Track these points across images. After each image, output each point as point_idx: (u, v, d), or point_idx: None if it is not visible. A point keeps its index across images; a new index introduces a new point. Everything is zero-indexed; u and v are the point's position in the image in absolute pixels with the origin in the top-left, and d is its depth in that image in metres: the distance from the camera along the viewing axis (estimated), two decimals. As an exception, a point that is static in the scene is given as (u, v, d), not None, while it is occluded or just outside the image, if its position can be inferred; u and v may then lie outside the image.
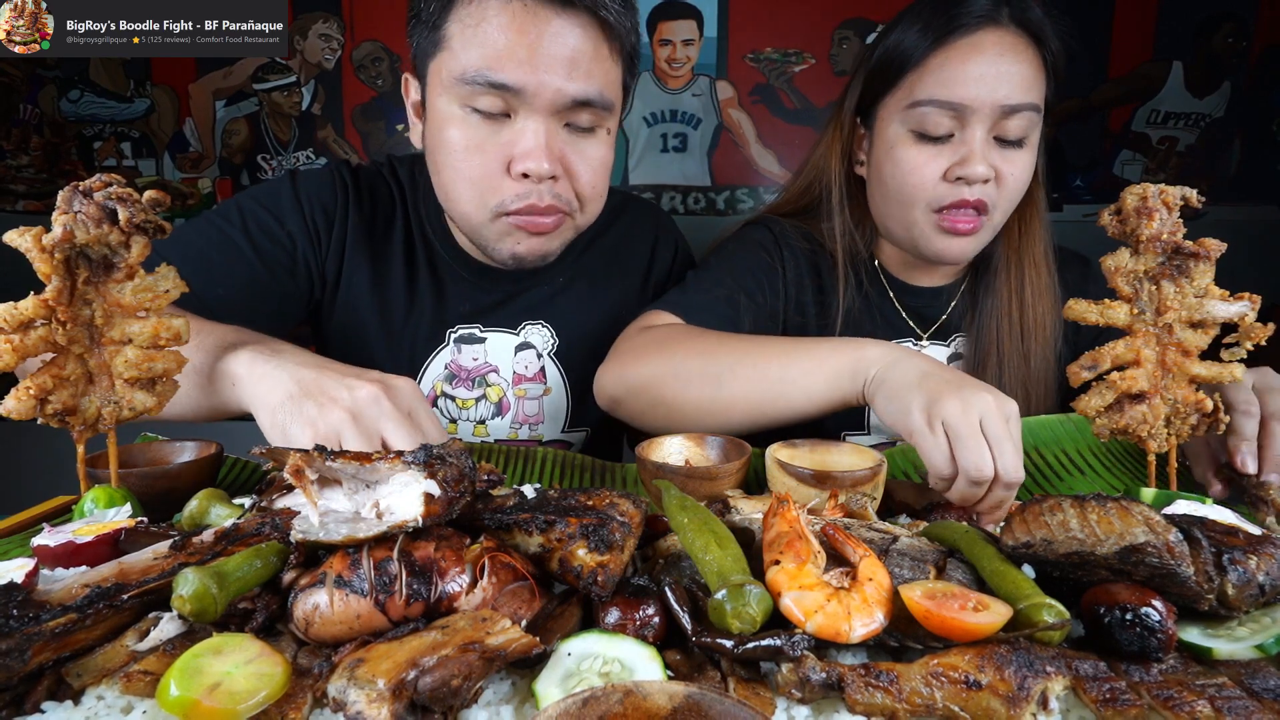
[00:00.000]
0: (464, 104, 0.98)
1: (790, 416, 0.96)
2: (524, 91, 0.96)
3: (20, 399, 0.67)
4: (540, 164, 0.98)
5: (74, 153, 2.96)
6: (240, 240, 1.10)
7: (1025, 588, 0.51)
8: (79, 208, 0.66)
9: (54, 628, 0.46)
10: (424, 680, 0.42)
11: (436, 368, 1.21)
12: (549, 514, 0.56)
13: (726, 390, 0.97)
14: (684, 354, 1.01)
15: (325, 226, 1.16)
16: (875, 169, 1.17)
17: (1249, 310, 0.75)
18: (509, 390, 1.24)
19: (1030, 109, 1.06)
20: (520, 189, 1.01)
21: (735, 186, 3.00)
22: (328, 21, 2.84)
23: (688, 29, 2.91)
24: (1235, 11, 2.79)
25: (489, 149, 1.00)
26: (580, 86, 0.98)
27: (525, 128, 0.98)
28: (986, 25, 1.05)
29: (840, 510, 0.70)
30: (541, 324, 1.24)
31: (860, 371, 0.89)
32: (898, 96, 1.11)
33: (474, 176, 1.01)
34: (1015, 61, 1.04)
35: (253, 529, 0.58)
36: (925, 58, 1.08)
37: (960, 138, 1.07)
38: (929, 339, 1.26)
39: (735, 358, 0.98)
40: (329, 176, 1.18)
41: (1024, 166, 1.09)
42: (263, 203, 1.14)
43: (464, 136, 1.00)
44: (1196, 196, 0.76)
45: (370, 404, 0.76)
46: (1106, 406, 0.79)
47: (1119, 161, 2.90)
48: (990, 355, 1.20)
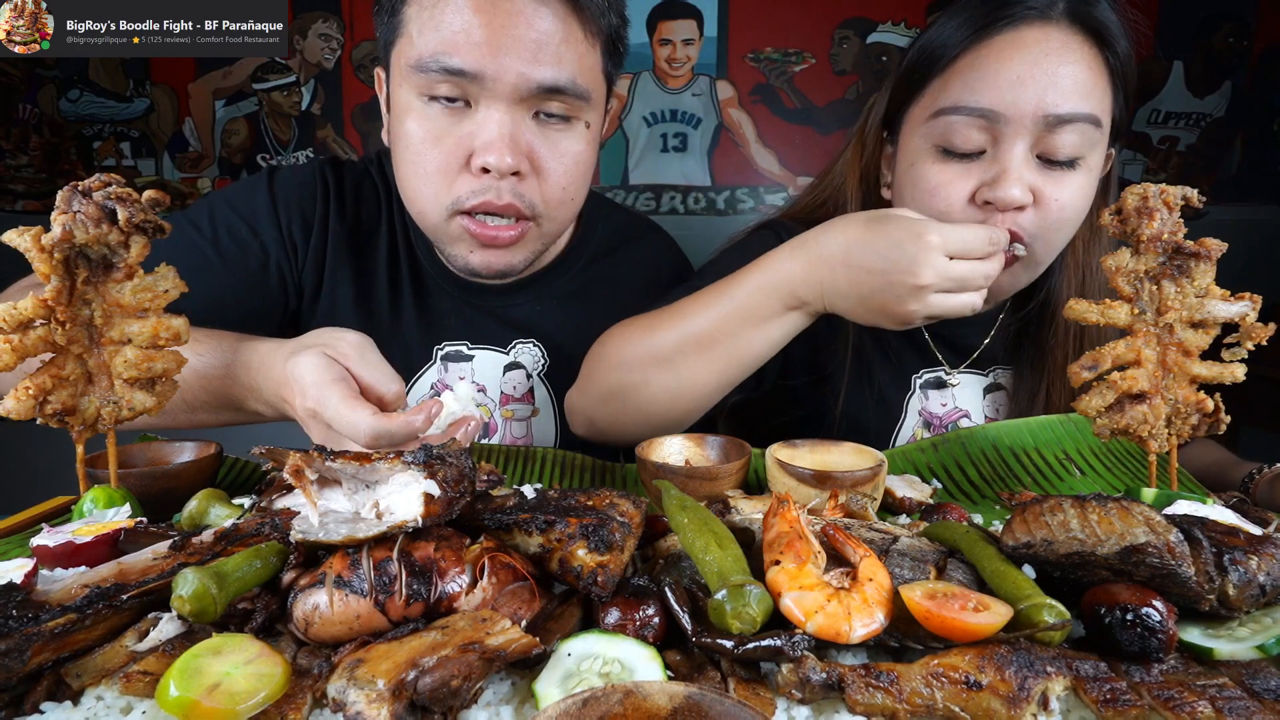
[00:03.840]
0: (422, 93, 0.91)
1: (754, 364, 0.91)
2: (483, 77, 0.88)
3: (20, 399, 0.67)
4: (502, 157, 0.90)
5: (73, 152, 2.96)
6: (208, 250, 1.03)
7: (1026, 588, 0.51)
8: (78, 207, 0.66)
9: (53, 628, 0.46)
10: (424, 681, 0.42)
11: (422, 388, 1.15)
12: (549, 514, 0.56)
13: (687, 375, 0.91)
14: (628, 352, 0.94)
15: (303, 233, 1.08)
16: (897, 191, 1.01)
17: (1250, 310, 0.74)
18: (496, 411, 1.17)
19: (1086, 121, 0.87)
20: (477, 184, 0.93)
21: (735, 186, 3.00)
22: (327, 21, 2.84)
23: (688, 29, 2.91)
24: (1235, 11, 2.80)
25: (447, 141, 0.92)
26: (548, 71, 0.90)
27: (487, 117, 0.90)
28: (1034, 20, 0.87)
29: (840, 510, 0.70)
30: (533, 343, 1.17)
31: (798, 296, 0.86)
32: (922, 104, 0.95)
33: (430, 170, 0.94)
34: (1066, 62, 0.86)
35: (252, 529, 0.58)
36: (956, 57, 0.91)
37: (993, 154, 0.89)
38: (963, 370, 1.14)
39: (677, 337, 0.91)
40: (310, 177, 1.11)
41: (1075, 192, 0.90)
42: (236, 207, 1.06)
43: (422, 128, 0.93)
44: (1197, 196, 0.75)
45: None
46: (1107, 406, 0.79)
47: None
48: (1040, 394, 1.07)
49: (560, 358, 1.18)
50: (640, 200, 3.01)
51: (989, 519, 0.80)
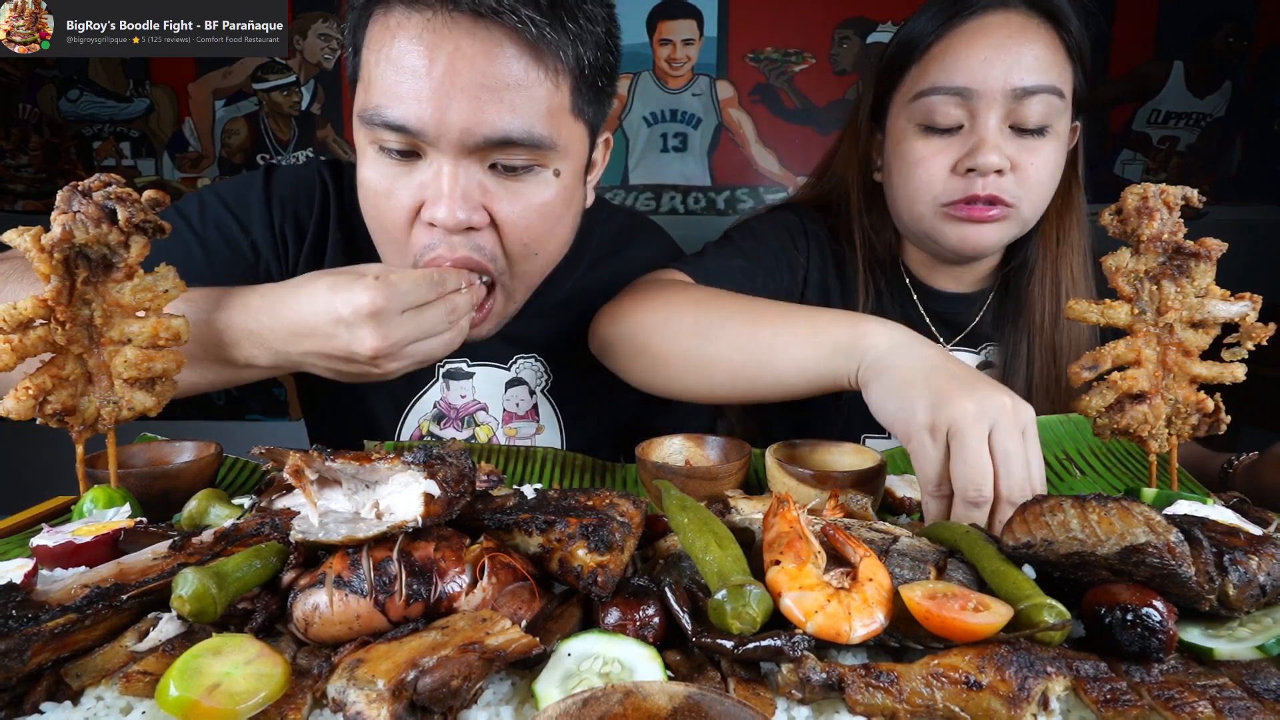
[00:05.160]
0: (373, 142, 0.86)
1: (775, 388, 0.86)
2: (424, 133, 0.82)
3: (19, 399, 0.67)
4: (452, 213, 0.84)
5: (73, 152, 2.96)
6: (194, 247, 0.99)
7: (1026, 588, 0.51)
8: (78, 207, 0.66)
9: (53, 628, 0.46)
10: (424, 681, 0.42)
11: (424, 406, 1.11)
12: (549, 514, 0.56)
13: (712, 346, 0.88)
14: (678, 305, 0.93)
15: (295, 235, 1.04)
16: (886, 170, 1.13)
17: (1250, 310, 0.74)
18: (499, 430, 1.14)
19: (1049, 91, 0.98)
20: (429, 239, 0.87)
21: (735, 186, 3.00)
22: (327, 21, 2.84)
23: (688, 29, 2.91)
24: (1235, 11, 2.80)
25: (400, 193, 0.87)
26: (498, 122, 0.82)
27: (437, 171, 0.84)
28: (994, 8, 1.00)
29: (840, 510, 0.70)
30: (534, 358, 1.13)
31: (858, 349, 0.79)
32: (904, 90, 1.07)
33: (386, 223, 0.89)
34: (1027, 42, 0.98)
35: (252, 529, 0.58)
36: (930, 46, 1.03)
37: (971, 128, 1.01)
38: (955, 346, 1.20)
39: (728, 313, 0.90)
40: (309, 178, 1.07)
41: (1048, 156, 1.01)
42: (230, 204, 1.03)
43: (375, 177, 0.88)
44: (1197, 196, 0.75)
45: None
46: (1107, 406, 0.79)
47: (1119, 161, 2.91)
48: (1020, 369, 1.14)
49: (564, 372, 1.14)
50: (640, 200, 3.01)
51: (989, 519, 0.80)
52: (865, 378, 0.78)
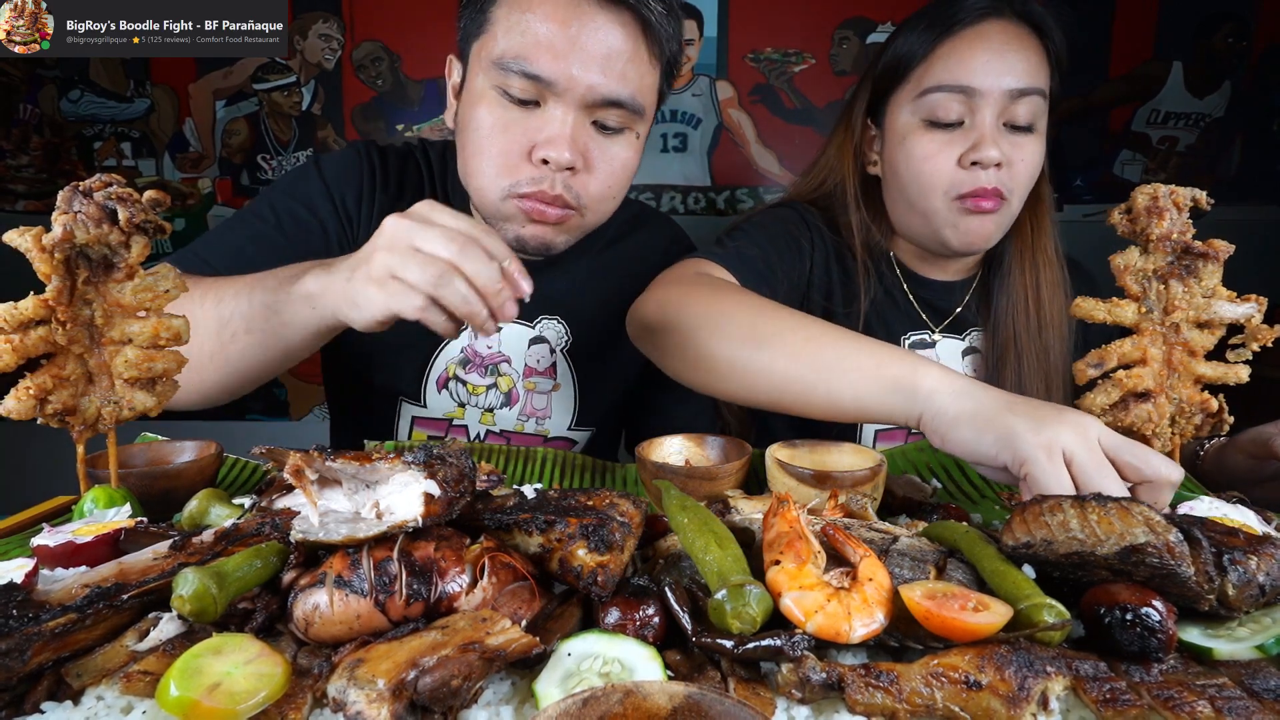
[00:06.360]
0: (497, 86, 1.01)
1: (824, 409, 0.86)
2: (556, 84, 0.98)
3: (20, 399, 0.67)
4: (562, 153, 0.99)
5: (74, 153, 2.96)
6: (274, 235, 1.11)
7: (1025, 588, 0.51)
8: (79, 208, 0.66)
9: (54, 628, 0.46)
10: (424, 680, 0.42)
11: (452, 349, 1.23)
12: (549, 514, 0.56)
13: (767, 355, 0.88)
14: (732, 308, 0.94)
15: (355, 206, 1.17)
16: (889, 164, 1.20)
17: (1256, 312, 0.75)
18: (519, 382, 1.25)
19: (1037, 94, 1.09)
20: (536, 174, 1.02)
21: (735, 187, 2.99)
22: (328, 21, 2.84)
23: (688, 29, 2.91)
24: (1235, 11, 2.79)
25: (514, 131, 1.02)
26: (613, 86, 0.99)
27: (553, 116, 1.00)
28: (990, 17, 1.10)
29: (840, 510, 0.70)
30: (557, 320, 1.25)
31: (919, 394, 0.79)
32: (907, 89, 1.15)
33: (495, 154, 1.03)
34: (1020, 49, 1.09)
35: (253, 529, 0.58)
36: (932, 49, 1.12)
37: (971, 124, 1.10)
38: (942, 332, 1.28)
39: (786, 326, 0.90)
40: (355, 158, 1.20)
41: (1033, 153, 1.13)
42: (292, 194, 1.15)
43: (493, 116, 1.02)
44: (1206, 199, 0.76)
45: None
46: (1111, 404, 0.79)
47: (1119, 161, 2.90)
48: (1009, 350, 1.21)
49: (582, 334, 1.25)
50: (640, 200, 3.01)
51: (989, 519, 0.80)
52: (937, 426, 0.77)
